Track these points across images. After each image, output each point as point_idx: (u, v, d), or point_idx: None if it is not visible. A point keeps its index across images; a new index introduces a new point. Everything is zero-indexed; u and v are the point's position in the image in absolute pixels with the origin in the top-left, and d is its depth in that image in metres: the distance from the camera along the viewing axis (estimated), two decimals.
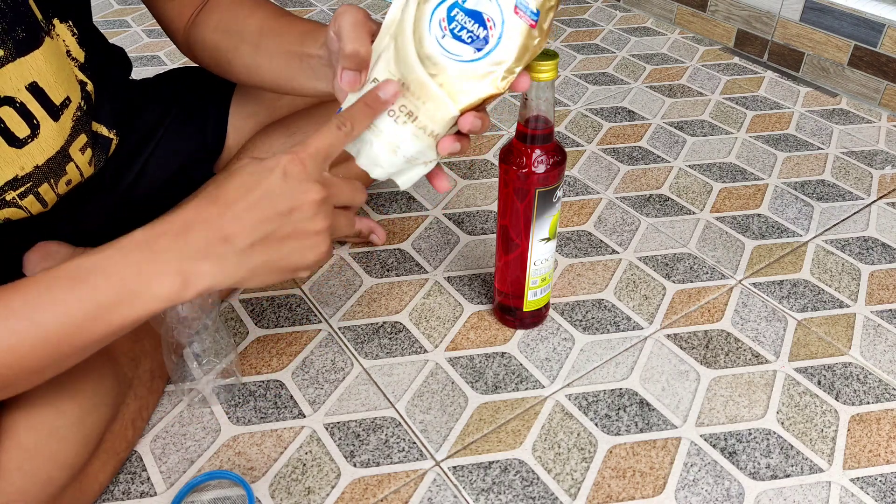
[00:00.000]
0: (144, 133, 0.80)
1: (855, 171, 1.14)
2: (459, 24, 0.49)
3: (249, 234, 0.47)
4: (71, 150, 0.67)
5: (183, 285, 0.48)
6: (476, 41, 0.49)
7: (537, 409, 0.77)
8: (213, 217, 0.47)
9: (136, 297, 0.47)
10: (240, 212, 0.47)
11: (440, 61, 0.50)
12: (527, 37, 0.49)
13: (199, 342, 0.73)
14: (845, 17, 1.31)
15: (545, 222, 0.74)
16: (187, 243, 0.47)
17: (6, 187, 0.62)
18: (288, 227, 0.48)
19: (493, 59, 0.49)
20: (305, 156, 0.49)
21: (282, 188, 0.48)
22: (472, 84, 0.50)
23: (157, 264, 0.47)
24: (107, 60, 0.75)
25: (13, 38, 0.59)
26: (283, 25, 0.67)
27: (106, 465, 0.66)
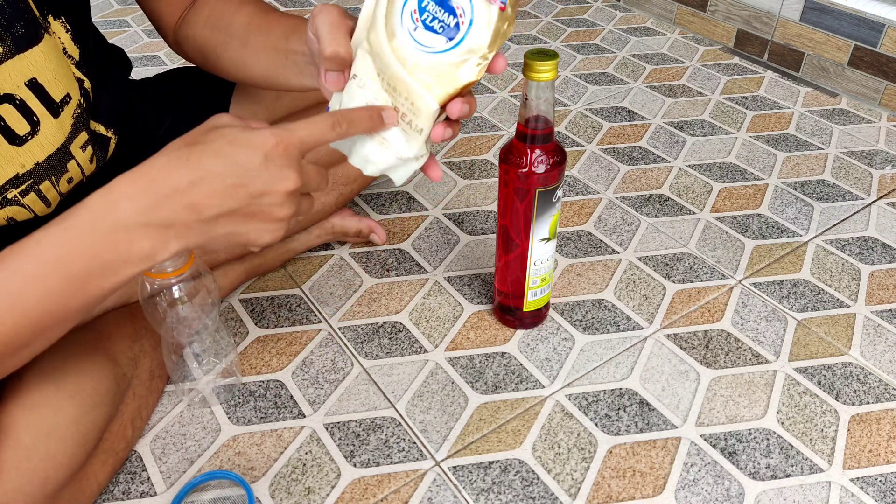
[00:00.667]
0: (144, 133, 0.80)
1: (855, 171, 1.14)
2: (431, 14, 0.49)
3: (217, 206, 0.47)
4: (72, 148, 0.67)
5: (153, 249, 0.47)
6: (447, 30, 0.49)
7: (537, 409, 0.77)
8: (182, 182, 0.46)
9: (109, 267, 0.47)
10: (212, 182, 0.47)
11: (415, 55, 0.50)
12: (498, 20, 0.49)
13: (199, 342, 0.73)
14: (845, 17, 1.31)
15: (545, 222, 0.74)
16: (153, 208, 0.46)
17: (7, 185, 0.62)
18: (255, 207, 0.48)
19: (465, 46, 0.49)
20: (290, 143, 0.48)
21: (259, 170, 0.47)
22: (448, 75, 0.50)
23: (124, 233, 0.46)
24: (106, 60, 0.75)
25: (12, 35, 0.59)
26: (270, 21, 0.67)
27: (105, 465, 0.66)
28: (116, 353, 0.68)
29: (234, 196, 0.47)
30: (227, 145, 0.47)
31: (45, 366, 0.61)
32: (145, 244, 0.47)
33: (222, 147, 0.47)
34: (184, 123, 0.82)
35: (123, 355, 0.69)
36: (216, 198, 0.47)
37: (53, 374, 0.61)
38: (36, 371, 0.61)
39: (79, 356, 0.64)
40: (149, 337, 0.73)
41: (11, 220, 0.65)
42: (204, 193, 0.47)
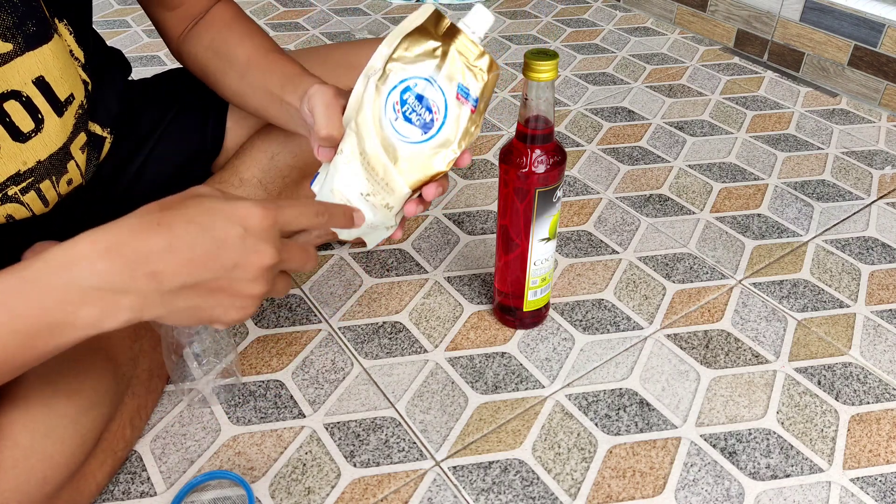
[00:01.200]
0: (143, 133, 0.80)
1: (855, 171, 1.14)
2: (410, 107, 0.53)
3: (183, 277, 0.44)
4: (72, 148, 0.68)
5: (100, 317, 0.44)
6: (423, 124, 0.54)
7: (537, 409, 0.77)
8: (148, 248, 0.44)
9: (56, 327, 0.44)
10: (181, 251, 0.44)
11: (394, 142, 0.54)
12: (468, 121, 0.54)
13: (199, 342, 0.73)
14: (845, 17, 1.31)
15: (545, 222, 0.74)
16: (110, 273, 0.43)
17: (8, 182, 0.62)
18: (224, 280, 0.45)
19: (438, 140, 0.54)
20: (275, 216, 0.47)
21: (235, 241, 0.45)
22: (420, 164, 0.55)
23: (76, 293, 0.43)
24: (105, 61, 0.76)
25: (23, 33, 0.60)
26: (269, 64, 0.69)
27: (104, 465, 0.66)
28: (116, 353, 0.68)
29: (202, 267, 0.44)
30: (203, 214, 0.45)
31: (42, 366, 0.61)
32: (93, 310, 0.44)
33: (197, 215, 0.45)
34: (183, 124, 0.82)
35: (123, 355, 0.69)
36: (182, 268, 0.44)
37: (52, 374, 0.61)
38: (34, 371, 0.61)
39: (77, 356, 0.64)
40: (148, 337, 0.73)
41: (10, 217, 0.65)
42: (170, 263, 0.44)
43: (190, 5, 0.75)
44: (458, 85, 0.53)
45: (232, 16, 0.76)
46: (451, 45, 0.53)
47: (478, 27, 0.53)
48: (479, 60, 0.53)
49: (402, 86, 0.53)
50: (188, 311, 0.46)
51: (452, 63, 0.53)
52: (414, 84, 0.53)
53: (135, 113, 0.80)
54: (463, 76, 0.53)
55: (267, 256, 0.46)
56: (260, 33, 0.74)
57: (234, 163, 0.82)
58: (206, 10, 0.76)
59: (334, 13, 1.68)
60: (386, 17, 1.66)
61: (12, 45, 0.59)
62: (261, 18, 1.65)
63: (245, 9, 1.67)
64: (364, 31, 1.60)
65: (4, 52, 0.59)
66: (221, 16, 0.75)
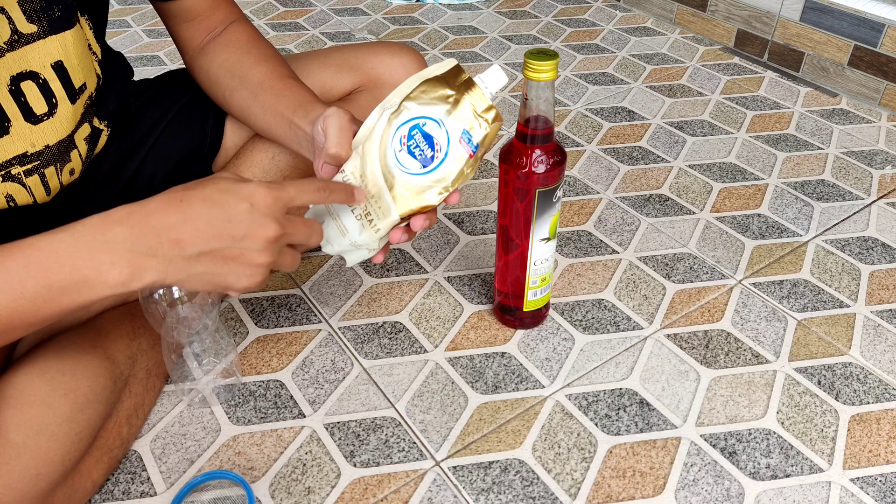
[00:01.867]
0: (143, 131, 0.80)
1: (855, 171, 1.14)
2: (416, 142, 0.58)
3: (200, 245, 0.50)
4: (76, 138, 0.68)
5: (130, 276, 0.49)
6: (424, 159, 0.58)
7: (537, 409, 0.77)
8: (172, 219, 0.49)
9: (86, 283, 0.49)
10: (198, 222, 0.50)
11: (394, 171, 0.58)
12: (465, 164, 0.59)
13: (199, 342, 0.73)
14: (845, 17, 1.31)
15: (545, 222, 0.74)
16: (140, 237, 0.49)
17: (14, 161, 0.63)
18: (235, 250, 0.51)
19: (434, 176, 0.58)
20: (277, 194, 0.52)
21: (243, 215, 0.50)
22: (414, 195, 0.59)
23: (108, 253, 0.49)
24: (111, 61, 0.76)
25: (49, 16, 0.61)
26: (283, 89, 0.71)
27: (100, 463, 0.66)
28: (114, 352, 0.68)
29: (216, 236, 0.50)
30: (218, 192, 0.51)
31: (40, 364, 0.62)
32: (124, 269, 0.49)
33: (212, 193, 0.51)
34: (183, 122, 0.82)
35: (121, 353, 0.69)
36: (200, 236, 0.50)
37: (48, 371, 0.61)
38: (29, 369, 0.61)
39: (75, 354, 0.64)
40: (147, 336, 0.73)
41: (11, 199, 0.65)
42: (189, 231, 0.49)
43: (205, 18, 0.76)
44: (463, 130, 0.58)
45: (248, 38, 0.77)
46: (465, 95, 0.58)
47: (491, 84, 0.58)
48: (486, 112, 0.58)
49: (413, 122, 0.58)
50: (205, 276, 0.51)
51: (462, 111, 0.58)
52: (423, 123, 0.58)
53: (136, 111, 0.81)
54: (469, 123, 0.58)
55: (271, 229, 0.51)
56: (276, 58, 0.76)
57: (234, 163, 0.82)
58: (223, 24, 0.77)
59: (334, 13, 1.68)
60: (386, 16, 1.66)
61: (37, 27, 0.61)
62: (261, 18, 1.65)
63: (245, 9, 1.68)
64: (364, 31, 1.60)
65: (28, 32, 0.61)
66: (238, 37, 0.76)
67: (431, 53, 1.50)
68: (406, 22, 1.64)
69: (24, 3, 0.60)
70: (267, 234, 0.51)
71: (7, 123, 0.61)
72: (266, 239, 0.51)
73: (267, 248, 0.52)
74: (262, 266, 0.52)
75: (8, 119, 0.61)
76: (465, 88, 0.58)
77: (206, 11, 0.76)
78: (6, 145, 0.62)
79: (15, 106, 0.61)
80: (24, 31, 0.60)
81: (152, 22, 1.63)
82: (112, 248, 0.49)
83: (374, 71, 0.83)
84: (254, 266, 0.52)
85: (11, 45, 0.60)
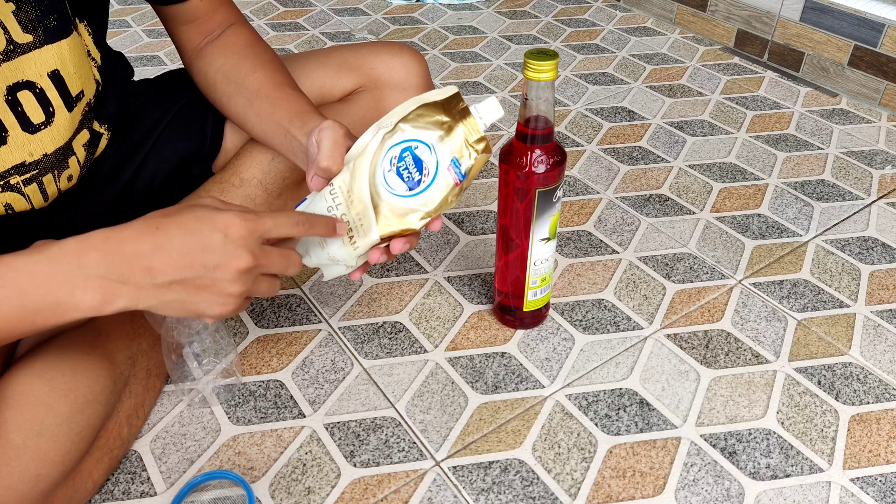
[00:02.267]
0: (143, 132, 0.80)
1: (855, 171, 1.14)
2: (405, 164, 0.59)
3: (171, 273, 0.51)
4: (74, 144, 0.68)
5: (102, 302, 0.50)
6: (411, 182, 0.59)
7: (537, 409, 0.77)
8: (145, 247, 0.51)
9: (59, 306, 0.50)
10: (171, 251, 0.51)
11: (380, 191, 0.59)
12: (450, 192, 0.59)
13: (199, 342, 0.73)
14: (845, 17, 1.31)
15: (545, 222, 0.74)
16: (113, 265, 0.50)
17: (12, 171, 0.63)
18: (207, 279, 0.52)
19: (419, 200, 0.59)
20: (253, 226, 0.53)
21: (217, 245, 0.51)
22: (396, 217, 0.59)
23: (82, 279, 0.50)
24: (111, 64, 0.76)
25: (44, 26, 0.61)
26: (279, 97, 0.71)
27: (100, 463, 0.66)
28: (113, 352, 0.68)
29: (189, 266, 0.51)
30: (194, 220, 0.52)
31: (40, 364, 0.62)
32: (96, 295, 0.50)
33: (188, 221, 0.52)
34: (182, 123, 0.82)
35: (121, 354, 0.69)
36: (172, 265, 0.51)
37: (48, 372, 0.61)
38: (29, 370, 0.61)
39: (75, 354, 0.64)
40: (146, 336, 0.73)
41: (9, 207, 0.65)
42: (161, 260, 0.51)
43: (204, 21, 0.76)
44: (453, 158, 0.58)
45: (246, 42, 0.77)
46: (459, 123, 0.59)
47: (486, 116, 0.59)
48: (477, 143, 0.59)
49: (405, 144, 0.59)
50: (177, 303, 0.53)
51: (454, 138, 0.58)
52: (415, 146, 0.59)
53: (135, 112, 0.81)
54: (459, 152, 0.59)
55: (243, 261, 0.52)
56: (273, 64, 0.75)
57: (234, 163, 0.82)
58: (222, 26, 0.77)
59: (334, 13, 1.68)
60: (386, 16, 1.66)
61: (32, 36, 0.61)
62: (261, 18, 1.65)
63: (245, 9, 1.68)
64: (364, 31, 1.60)
65: (24, 42, 0.60)
66: (236, 41, 0.76)
67: (431, 53, 1.50)
68: (406, 22, 1.64)
69: (19, 14, 0.59)
70: (239, 265, 0.52)
71: (4, 134, 0.61)
72: (238, 270, 0.52)
73: (239, 278, 0.52)
74: (234, 296, 0.53)
75: (5, 129, 0.61)
76: (461, 117, 0.59)
77: (205, 14, 0.76)
78: (4, 155, 0.62)
79: (12, 116, 0.61)
80: (19, 41, 0.60)
81: (152, 22, 1.63)
82: (85, 274, 0.50)
83: (375, 71, 0.83)
84: (225, 295, 0.53)
85: (7, 55, 0.60)
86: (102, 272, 0.50)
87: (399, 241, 0.60)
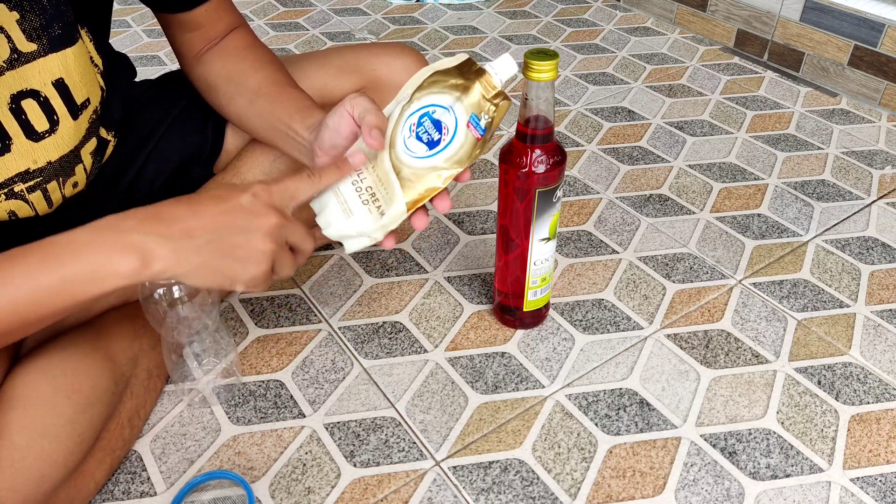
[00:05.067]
0: (144, 133, 0.80)
1: (855, 171, 1.14)
2: (424, 128, 0.60)
3: (206, 234, 0.53)
4: (82, 152, 0.68)
5: (141, 264, 0.51)
6: (431, 142, 0.60)
7: (537, 409, 0.77)
8: (182, 212, 0.53)
9: (99, 273, 0.51)
10: (205, 214, 0.54)
11: (402, 157, 0.60)
12: (472, 146, 0.60)
13: (199, 342, 0.73)
14: (845, 17, 1.31)
15: (545, 222, 0.74)
16: (152, 226, 0.52)
17: (16, 178, 0.63)
18: (240, 238, 0.54)
19: (441, 157, 0.60)
20: (274, 187, 0.56)
21: (245, 206, 0.55)
22: (420, 178, 0.60)
23: (120, 242, 0.51)
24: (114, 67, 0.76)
25: (49, 35, 0.61)
26: (279, 95, 0.72)
27: (102, 464, 0.66)
28: (115, 353, 0.68)
29: (223, 226, 0.54)
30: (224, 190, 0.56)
31: (43, 365, 0.62)
32: (133, 257, 0.51)
33: (217, 191, 0.56)
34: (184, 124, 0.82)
35: (122, 354, 0.69)
36: (207, 225, 0.53)
37: (50, 372, 0.61)
38: (32, 370, 0.61)
39: (77, 355, 0.64)
40: (148, 336, 0.73)
41: (13, 214, 0.65)
42: (198, 222, 0.53)
43: (208, 29, 0.76)
44: (472, 115, 0.59)
45: (246, 45, 0.77)
46: (475, 82, 0.59)
47: (502, 72, 0.60)
48: (495, 98, 0.60)
49: (423, 111, 0.60)
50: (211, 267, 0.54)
51: (471, 97, 0.59)
52: (433, 111, 0.60)
53: (136, 114, 0.81)
54: (478, 108, 0.59)
55: (271, 216, 0.55)
56: (273, 64, 0.75)
57: (235, 164, 0.82)
58: (224, 33, 0.77)
59: (334, 13, 1.68)
60: (386, 16, 1.66)
61: (36, 45, 0.61)
62: (261, 18, 1.65)
63: (245, 9, 1.68)
64: (364, 31, 1.60)
65: (28, 51, 0.60)
66: (236, 44, 0.76)
67: (431, 53, 1.50)
68: (406, 22, 1.64)
69: (23, 22, 0.60)
70: (268, 221, 0.55)
71: (8, 141, 0.61)
72: (268, 225, 0.55)
73: (269, 235, 0.55)
74: (266, 253, 0.55)
75: (9, 137, 0.61)
76: (477, 76, 0.59)
77: (209, 23, 0.75)
78: (8, 163, 0.62)
79: (16, 124, 0.61)
80: (23, 50, 0.60)
81: (152, 22, 1.63)
82: (124, 238, 0.51)
83: (375, 73, 0.83)
84: (258, 254, 0.55)
85: (11, 63, 0.60)
86: (141, 234, 0.52)
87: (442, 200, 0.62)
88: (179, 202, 0.54)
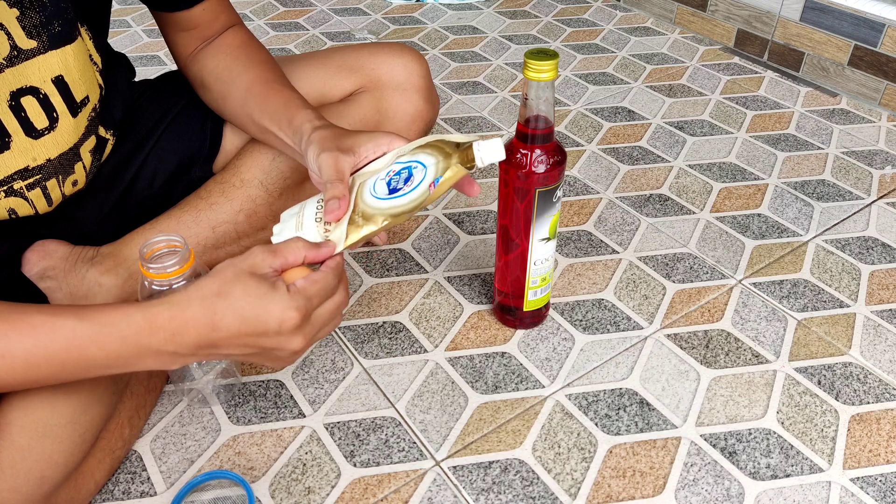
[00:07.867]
0: (143, 133, 0.80)
1: (855, 171, 1.14)
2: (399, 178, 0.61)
3: (233, 349, 0.55)
4: (81, 150, 0.68)
5: (160, 366, 0.55)
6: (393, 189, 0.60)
7: (537, 409, 0.77)
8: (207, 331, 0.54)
9: (126, 366, 0.54)
10: (231, 338, 0.54)
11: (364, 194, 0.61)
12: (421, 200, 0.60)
13: None
14: (845, 16, 1.31)
15: (545, 222, 0.74)
16: (181, 346, 0.54)
17: (16, 176, 0.63)
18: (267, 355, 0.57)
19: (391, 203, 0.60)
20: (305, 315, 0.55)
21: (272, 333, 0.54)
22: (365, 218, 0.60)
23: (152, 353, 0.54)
24: (113, 66, 0.76)
25: (49, 32, 0.61)
26: (268, 94, 0.72)
27: (102, 464, 0.66)
28: None
29: (248, 346, 0.55)
30: (249, 308, 0.53)
31: None
32: (157, 361, 0.55)
33: (244, 308, 0.53)
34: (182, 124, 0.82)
35: None
36: (233, 345, 0.55)
37: None
38: None
39: None
40: None
41: (13, 212, 0.65)
42: (223, 340, 0.54)
43: (204, 28, 0.76)
44: (438, 177, 0.60)
45: (240, 43, 0.77)
46: (456, 154, 0.60)
47: (486, 156, 0.60)
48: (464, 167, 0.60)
49: (408, 164, 0.61)
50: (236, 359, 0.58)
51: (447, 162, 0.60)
52: (415, 166, 0.61)
53: (136, 113, 0.81)
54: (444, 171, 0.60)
55: (297, 344, 0.56)
56: (265, 63, 0.76)
57: (235, 164, 0.82)
58: (219, 32, 0.77)
59: (334, 13, 1.68)
60: (386, 16, 1.66)
61: (36, 42, 0.61)
62: (261, 18, 1.65)
63: (245, 9, 1.68)
64: (364, 31, 1.60)
65: (28, 48, 0.60)
66: (230, 42, 0.76)
67: (431, 53, 1.50)
68: (406, 22, 1.64)
69: (23, 19, 0.60)
70: (295, 347, 0.56)
71: (7, 139, 0.61)
72: (293, 352, 0.56)
73: (293, 355, 0.57)
74: (293, 360, 0.58)
75: (8, 134, 0.61)
76: (463, 149, 0.60)
77: (206, 22, 0.76)
78: (7, 160, 0.62)
79: (15, 121, 0.61)
80: (23, 47, 0.60)
81: (152, 22, 1.63)
82: (156, 350, 0.53)
83: (375, 72, 0.83)
84: (283, 361, 0.58)
85: (11, 60, 0.60)
86: (172, 348, 0.54)
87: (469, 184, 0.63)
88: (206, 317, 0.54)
